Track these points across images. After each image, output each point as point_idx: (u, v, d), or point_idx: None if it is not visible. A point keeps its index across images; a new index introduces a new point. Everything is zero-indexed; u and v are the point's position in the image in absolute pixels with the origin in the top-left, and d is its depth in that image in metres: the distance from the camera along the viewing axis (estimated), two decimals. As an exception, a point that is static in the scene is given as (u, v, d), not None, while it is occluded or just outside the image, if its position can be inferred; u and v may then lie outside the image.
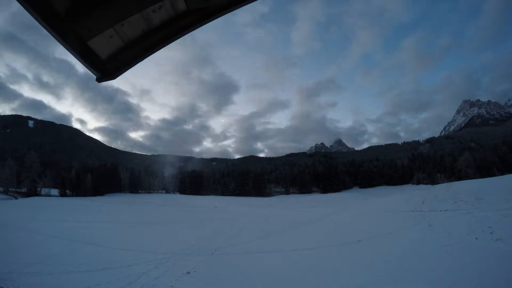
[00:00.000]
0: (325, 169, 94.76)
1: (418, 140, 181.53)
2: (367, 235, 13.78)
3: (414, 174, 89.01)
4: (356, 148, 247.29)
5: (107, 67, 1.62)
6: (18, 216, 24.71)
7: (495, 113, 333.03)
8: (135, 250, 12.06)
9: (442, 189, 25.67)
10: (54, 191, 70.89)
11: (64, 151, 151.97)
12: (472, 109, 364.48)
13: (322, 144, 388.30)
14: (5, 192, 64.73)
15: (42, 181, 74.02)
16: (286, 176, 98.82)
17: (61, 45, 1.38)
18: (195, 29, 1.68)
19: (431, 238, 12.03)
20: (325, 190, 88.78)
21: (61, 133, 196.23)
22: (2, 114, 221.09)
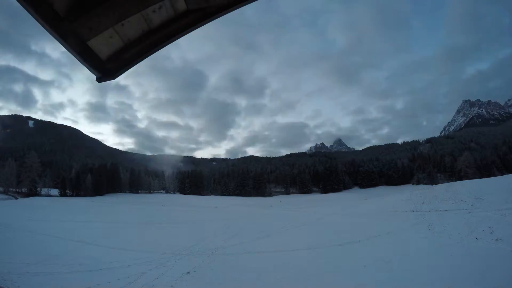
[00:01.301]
0: (325, 169, 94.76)
1: (418, 140, 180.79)
2: (367, 235, 13.78)
3: (414, 174, 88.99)
4: (356, 148, 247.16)
5: (107, 67, 1.62)
6: (18, 216, 24.72)
7: (495, 113, 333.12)
8: (135, 250, 12.05)
9: (442, 189, 25.70)
10: (54, 191, 70.90)
11: (64, 151, 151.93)
12: (472, 109, 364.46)
13: (322, 144, 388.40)
14: (5, 192, 64.73)
15: (42, 181, 74.00)
16: (286, 176, 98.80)
17: (61, 45, 1.38)
18: (195, 29, 1.68)
19: (431, 238, 12.04)
20: (325, 190, 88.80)
21: (61, 133, 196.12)
22: (2, 114, 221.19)
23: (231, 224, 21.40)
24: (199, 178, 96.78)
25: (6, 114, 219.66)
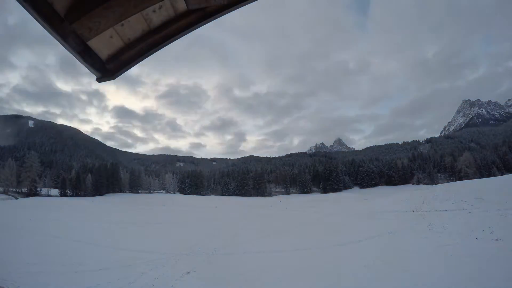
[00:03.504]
0: (325, 169, 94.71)
1: (418, 140, 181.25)
2: (367, 235, 13.77)
3: (414, 174, 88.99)
4: (356, 148, 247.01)
5: (107, 67, 1.62)
6: (18, 216, 24.71)
7: (495, 113, 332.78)
8: (135, 250, 12.06)
9: (442, 189, 25.70)
10: (54, 191, 71.00)
11: (64, 151, 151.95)
12: (472, 109, 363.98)
13: (322, 144, 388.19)
14: (5, 192, 64.76)
15: (42, 181, 74.15)
16: (286, 176, 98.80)
17: (61, 45, 1.38)
18: (195, 29, 1.68)
19: (431, 238, 12.02)
20: (325, 190, 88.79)
21: (61, 133, 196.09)
22: (2, 114, 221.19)
23: (231, 224, 21.42)
24: (199, 178, 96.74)
25: (6, 114, 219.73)
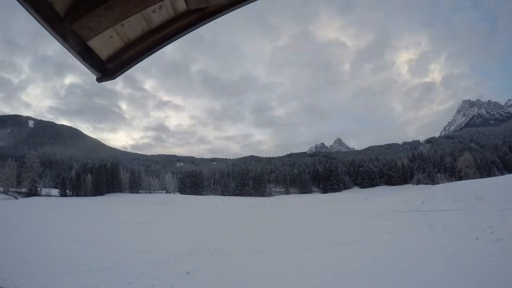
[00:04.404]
0: (325, 169, 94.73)
1: (418, 140, 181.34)
2: (367, 235, 13.78)
3: (414, 174, 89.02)
4: (356, 148, 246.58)
5: (107, 67, 1.61)
6: (18, 216, 24.71)
7: (495, 113, 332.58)
8: (135, 250, 12.05)
9: (442, 189, 25.69)
10: (54, 191, 71.03)
11: (64, 151, 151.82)
12: (472, 109, 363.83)
13: (322, 144, 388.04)
14: (5, 192, 64.77)
15: (42, 181, 74.15)
16: (286, 176, 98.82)
17: (61, 45, 1.38)
18: (195, 29, 1.68)
19: (431, 238, 12.03)
20: (325, 190, 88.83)
21: (61, 133, 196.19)
22: (2, 114, 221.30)
23: (231, 224, 21.39)
24: (199, 178, 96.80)
25: (6, 114, 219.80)
